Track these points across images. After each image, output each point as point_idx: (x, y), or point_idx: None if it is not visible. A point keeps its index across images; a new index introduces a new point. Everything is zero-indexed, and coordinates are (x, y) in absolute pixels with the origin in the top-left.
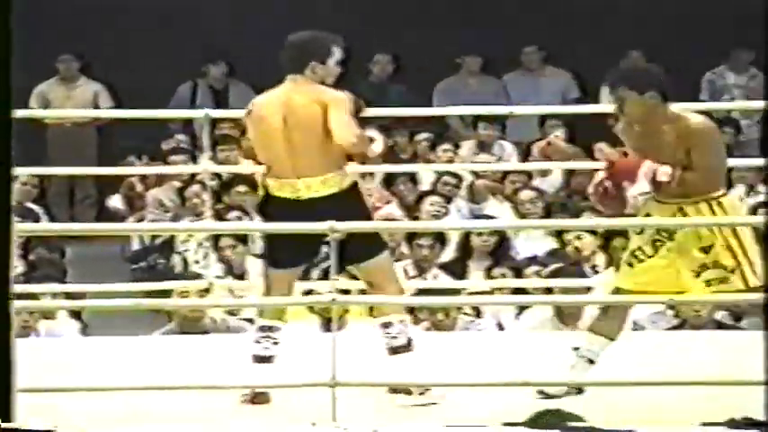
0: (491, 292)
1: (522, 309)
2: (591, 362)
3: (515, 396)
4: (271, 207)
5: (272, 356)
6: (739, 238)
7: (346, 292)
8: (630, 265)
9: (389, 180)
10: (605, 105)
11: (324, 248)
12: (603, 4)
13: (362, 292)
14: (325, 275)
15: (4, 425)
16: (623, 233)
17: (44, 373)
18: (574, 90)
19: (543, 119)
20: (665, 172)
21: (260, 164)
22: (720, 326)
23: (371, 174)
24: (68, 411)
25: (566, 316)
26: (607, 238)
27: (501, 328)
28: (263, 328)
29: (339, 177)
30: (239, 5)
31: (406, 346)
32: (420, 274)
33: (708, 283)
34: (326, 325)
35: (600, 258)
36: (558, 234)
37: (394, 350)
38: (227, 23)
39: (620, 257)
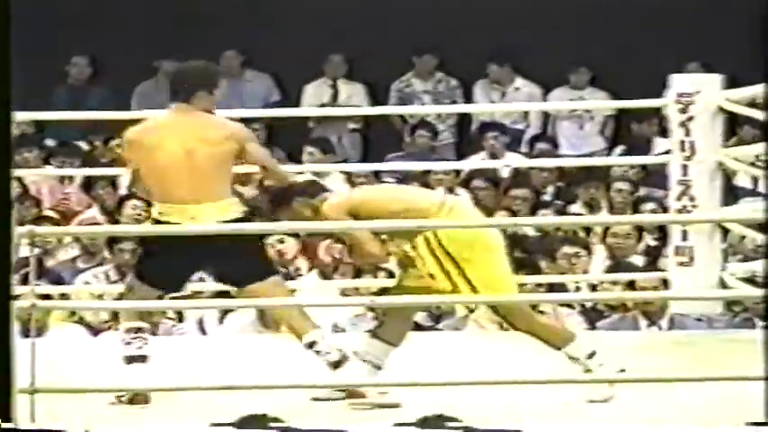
0: (192, 296)
1: (225, 312)
2: (377, 368)
3: (225, 400)
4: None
5: (145, 356)
6: (447, 249)
7: (47, 297)
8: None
9: (88, 184)
10: (306, 108)
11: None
12: (302, 6)
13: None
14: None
15: (5, 425)
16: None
17: None
18: (275, 93)
19: (244, 122)
20: None
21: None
22: (419, 327)
23: (70, 178)
24: None
25: (268, 319)
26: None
27: (204, 332)
28: (130, 330)
29: (234, 205)
30: None
31: (344, 360)
32: (122, 279)
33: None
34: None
35: (302, 262)
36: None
37: (335, 365)
38: None
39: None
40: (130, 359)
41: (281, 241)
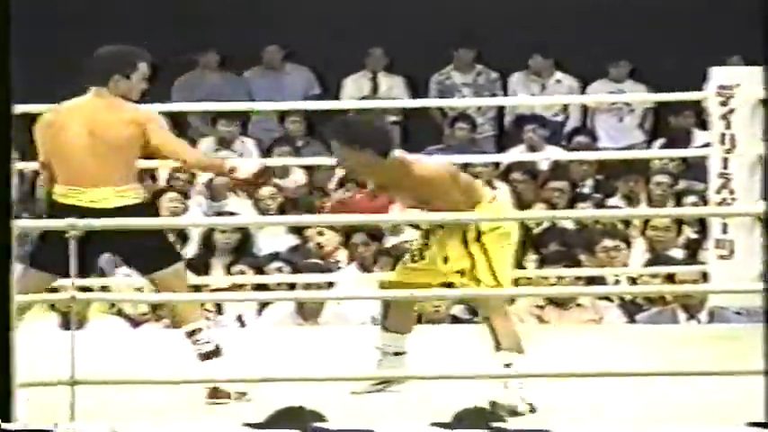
0: (233, 289)
1: (263, 305)
2: (398, 354)
3: (263, 392)
4: (57, 214)
5: (218, 349)
6: (484, 244)
7: (87, 289)
8: (405, 263)
9: None
10: (346, 101)
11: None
12: (343, 1)
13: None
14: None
15: (5, 425)
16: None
17: None
18: (315, 87)
19: (284, 115)
20: None
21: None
22: (456, 320)
23: None
24: None
25: (306, 312)
26: (348, 235)
27: (242, 324)
28: (191, 333)
29: (134, 191)
30: None
31: (216, 352)
32: None
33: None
34: (66, 322)
35: (342, 254)
36: (300, 230)
37: (205, 356)
38: None
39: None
40: (205, 356)
41: (321, 233)
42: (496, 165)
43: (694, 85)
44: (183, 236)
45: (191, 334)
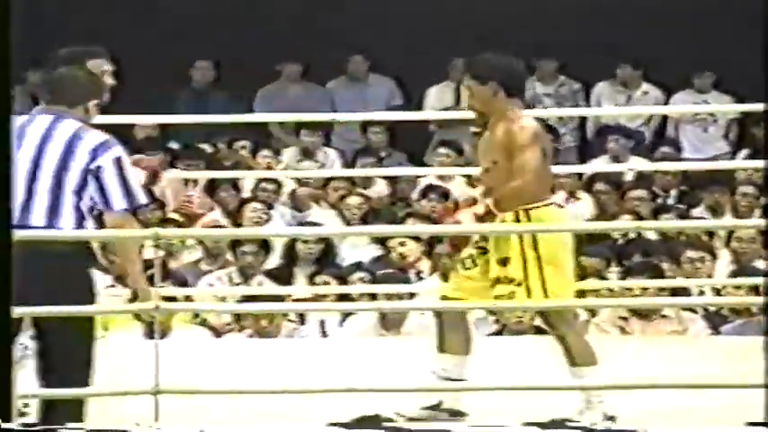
0: (315, 299)
1: (346, 315)
2: (452, 380)
3: (343, 402)
4: None
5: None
6: (538, 250)
7: (171, 299)
8: (458, 272)
9: (212, 187)
10: (428, 112)
11: None
12: (426, 11)
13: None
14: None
15: (5, 425)
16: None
17: None
18: (397, 97)
19: (366, 126)
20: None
21: None
22: (540, 331)
23: (195, 181)
24: None
25: (389, 322)
26: (431, 245)
27: (325, 334)
28: None
29: None
30: None
31: None
32: (245, 281)
33: (496, 298)
34: (150, 332)
35: (425, 264)
36: (383, 241)
37: None
38: None
39: (447, 264)
40: None
41: (403, 244)
42: (579, 176)
43: None
44: (266, 246)
45: None
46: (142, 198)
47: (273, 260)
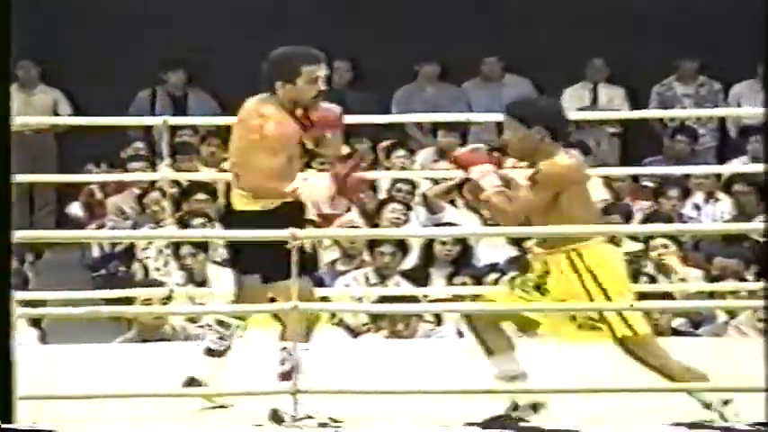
0: (452, 300)
1: None
2: (514, 378)
3: (478, 403)
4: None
5: (219, 350)
6: (604, 288)
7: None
8: (514, 289)
9: None
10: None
11: None
12: (562, 11)
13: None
14: None
15: (5, 425)
16: None
17: None
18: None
19: (501, 126)
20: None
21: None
22: (677, 332)
23: None
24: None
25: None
26: None
27: (461, 335)
28: (216, 323)
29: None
30: (198, 13)
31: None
32: (382, 282)
33: (580, 327)
34: None
35: None
36: (518, 242)
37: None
38: (185, 31)
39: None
40: (208, 351)
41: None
42: (718, 177)
43: None
44: (403, 247)
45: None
46: None
47: (410, 261)
